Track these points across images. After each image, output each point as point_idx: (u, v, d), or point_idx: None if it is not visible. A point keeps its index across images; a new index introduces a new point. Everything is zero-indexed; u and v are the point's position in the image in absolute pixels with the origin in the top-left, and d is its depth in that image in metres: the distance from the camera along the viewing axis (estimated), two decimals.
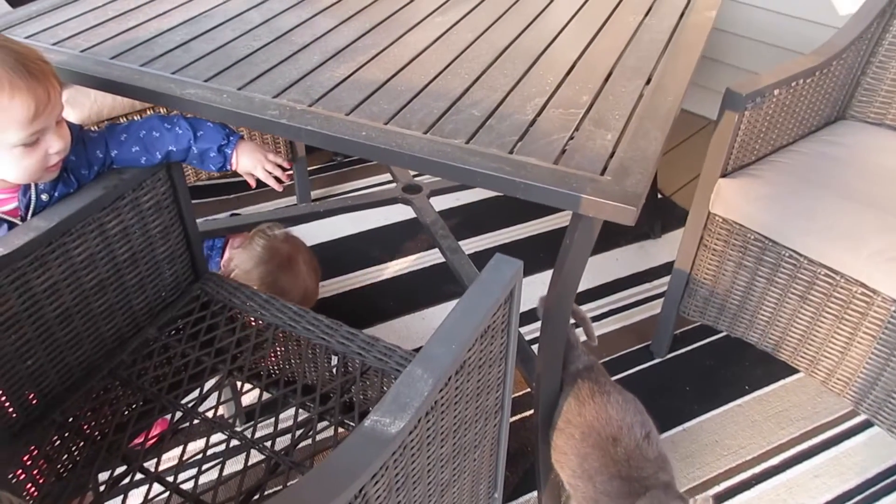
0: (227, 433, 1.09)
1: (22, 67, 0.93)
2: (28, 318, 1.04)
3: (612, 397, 1.22)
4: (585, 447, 1.20)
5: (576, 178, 0.91)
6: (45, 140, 0.98)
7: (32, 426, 1.08)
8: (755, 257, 1.47)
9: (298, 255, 1.64)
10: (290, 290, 1.59)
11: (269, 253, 1.59)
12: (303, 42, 1.22)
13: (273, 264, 1.58)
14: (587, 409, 1.22)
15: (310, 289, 1.66)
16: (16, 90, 0.92)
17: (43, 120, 0.96)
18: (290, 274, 1.59)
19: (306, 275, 1.64)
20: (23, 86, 0.93)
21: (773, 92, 1.41)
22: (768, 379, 1.72)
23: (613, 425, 1.19)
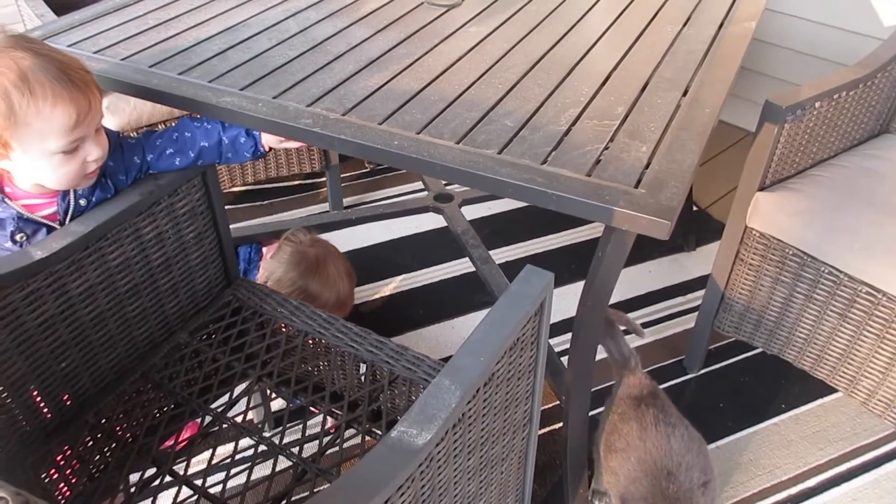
0: (256, 439, 1.10)
1: (65, 77, 0.96)
2: (64, 320, 1.05)
3: (678, 431, 1.19)
4: (638, 472, 1.17)
5: (609, 190, 0.89)
6: (84, 148, 1.00)
7: (66, 427, 1.10)
8: (793, 273, 1.44)
9: (328, 258, 1.64)
10: (321, 294, 1.58)
11: (297, 258, 1.59)
12: (337, 51, 1.23)
13: (301, 269, 1.58)
14: (649, 436, 1.19)
15: (342, 293, 1.65)
16: (58, 99, 0.94)
17: (83, 128, 0.98)
18: (320, 278, 1.59)
19: (337, 278, 1.63)
20: (65, 95, 0.95)
21: (814, 104, 1.38)
22: (805, 398, 1.67)
23: (672, 459, 1.16)
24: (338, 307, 1.62)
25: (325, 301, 1.58)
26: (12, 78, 0.92)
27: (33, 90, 0.93)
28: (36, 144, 0.96)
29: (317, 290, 1.57)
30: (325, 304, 1.57)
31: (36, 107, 0.93)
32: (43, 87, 0.93)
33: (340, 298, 1.63)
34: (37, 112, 0.94)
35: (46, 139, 0.96)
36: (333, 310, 1.57)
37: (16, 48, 0.95)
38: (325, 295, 1.58)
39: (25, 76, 0.93)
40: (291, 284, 1.55)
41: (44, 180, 1.02)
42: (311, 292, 1.56)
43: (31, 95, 0.93)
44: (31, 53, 0.95)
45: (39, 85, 0.93)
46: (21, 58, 0.94)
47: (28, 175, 1.01)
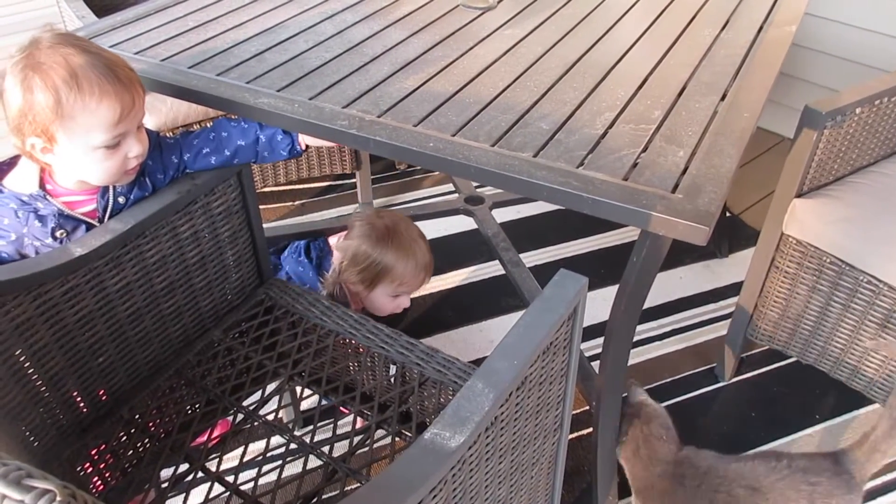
0: (287, 437, 1.11)
1: (111, 73, 0.98)
2: (101, 316, 1.07)
3: None
4: None
5: (646, 194, 0.88)
6: (126, 143, 1.02)
7: (101, 422, 1.11)
8: (830, 282, 1.41)
9: (398, 225, 1.54)
10: (397, 262, 1.49)
11: (367, 230, 1.51)
12: (373, 53, 1.23)
13: (372, 240, 1.49)
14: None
15: (421, 257, 1.52)
16: (104, 94, 0.97)
17: (126, 124, 1.00)
18: (394, 246, 1.49)
19: (412, 241, 1.52)
20: (111, 90, 0.97)
21: (854, 110, 1.35)
22: (840, 409, 1.64)
23: None
24: (421, 272, 1.52)
25: (405, 269, 1.49)
26: (62, 73, 0.95)
27: (81, 85, 0.95)
28: (81, 138, 0.98)
29: (392, 259, 1.48)
30: (405, 273, 1.49)
31: (83, 101, 0.95)
32: (90, 82, 0.96)
33: (419, 262, 1.52)
34: (84, 106, 0.96)
35: (91, 133, 0.98)
36: (417, 276, 1.51)
37: (65, 45, 0.97)
38: (403, 263, 1.49)
39: (74, 72, 0.95)
40: (366, 258, 1.48)
41: (86, 175, 1.04)
42: (388, 263, 1.48)
43: (78, 90, 0.95)
44: (79, 50, 0.97)
45: (87, 81, 0.95)
46: (71, 54, 0.96)
47: (70, 170, 1.03)
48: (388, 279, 1.49)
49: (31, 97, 0.95)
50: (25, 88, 0.95)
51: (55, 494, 0.44)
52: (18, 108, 0.96)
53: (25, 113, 0.96)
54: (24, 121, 0.97)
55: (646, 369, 1.75)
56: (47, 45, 0.97)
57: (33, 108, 0.95)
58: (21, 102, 0.96)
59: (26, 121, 0.96)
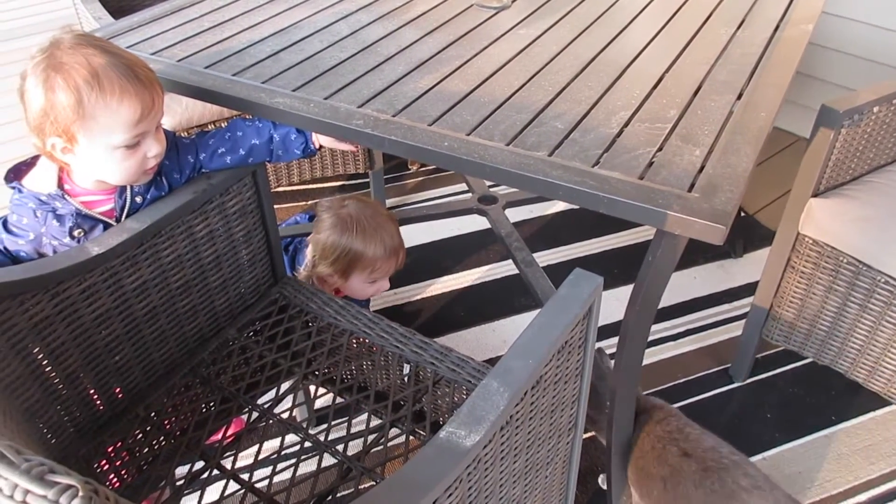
0: (301, 435, 1.11)
1: (132, 74, 0.99)
2: (118, 315, 1.08)
3: None
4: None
5: (662, 194, 0.88)
6: (145, 143, 1.03)
7: (117, 419, 1.12)
8: (847, 282, 1.40)
9: (362, 211, 1.53)
10: (366, 250, 1.50)
11: (333, 222, 1.51)
12: (388, 53, 1.24)
13: (339, 230, 1.50)
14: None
15: (388, 241, 1.52)
16: (125, 94, 0.98)
17: (146, 124, 1.01)
18: (360, 234, 1.50)
19: (378, 228, 1.52)
20: (132, 90, 0.98)
21: (872, 109, 1.34)
22: (857, 410, 1.63)
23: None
24: (390, 256, 1.53)
25: (374, 255, 1.50)
26: (84, 74, 0.96)
27: (102, 85, 0.96)
28: (101, 138, 0.99)
29: (360, 247, 1.49)
30: (375, 258, 1.50)
31: (104, 101, 0.96)
32: (111, 82, 0.97)
33: (388, 246, 1.52)
34: (105, 106, 0.97)
35: (112, 132, 0.99)
36: (388, 260, 1.52)
37: (86, 45, 0.98)
38: (371, 249, 1.50)
39: (96, 72, 0.96)
40: (335, 250, 1.49)
41: (105, 175, 1.05)
42: (357, 251, 1.49)
43: (100, 90, 0.96)
44: (100, 51, 0.98)
45: (108, 81, 0.96)
46: (92, 54, 0.97)
47: (90, 170, 1.04)
48: (360, 267, 1.51)
49: (53, 97, 0.96)
50: (47, 88, 0.96)
51: (77, 490, 0.44)
52: (40, 108, 0.97)
53: (47, 112, 0.97)
54: (46, 120, 0.97)
55: (660, 369, 1.74)
56: (68, 45, 0.98)
57: (55, 107, 0.96)
58: (43, 102, 0.97)
59: (48, 120, 0.97)
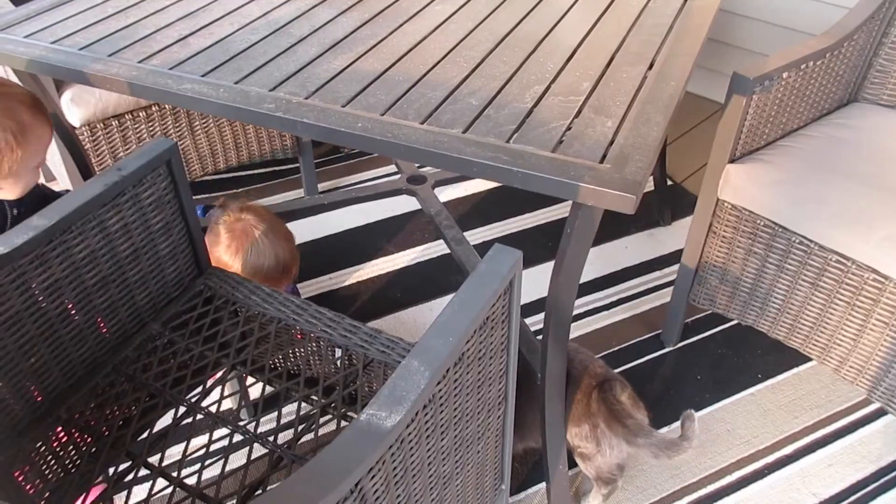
0: (231, 427, 1.09)
1: (41, 105, 1.18)
2: (30, 316, 1.04)
3: None
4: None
5: (574, 166, 0.89)
6: None
7: (38, 423, 1.08)
8: (765, 244, 1.45)
9: (255, 230, 1.54)
10: (260, 265, 1.52)
11: (228, 240, 1.53)
12: (301, 34, 1.21)
13: (233, 248, 1.52)
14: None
15: (281, 257, 1.55)
16: (45, 122, 1.18)
17: None
18: (253, 250, 1.52)
19: (270, 245, 1.54)
20: (44, 118, 1.18)
21: (781, 75, 1.38)
22: (781, 367, 1.69)
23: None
24: (282, 273, 1.55)
25: (267, 272, 1.52)
26: None
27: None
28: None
29: (251, 267, 1.51)
30: (268, 275, 1.52)
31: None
32: None
33: (280, 262, 1.55)
34: None
35: (37, 155, 1.20)
36: (283, 276, 1.54)
37: None
38: (262, 266, 1.52)
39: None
40: (228, 267, 1.50)
41: (13, 192, 1.19)
42: (248, 270, 1.51)
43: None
44: None
45: None
46: None
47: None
48: (255, 279, 1.50)
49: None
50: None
51: None
52: None
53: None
54: None
55: (594, 339, 1.78)
56: None
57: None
58: None
59: None
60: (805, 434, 1.55)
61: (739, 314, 1.58)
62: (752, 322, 1.57)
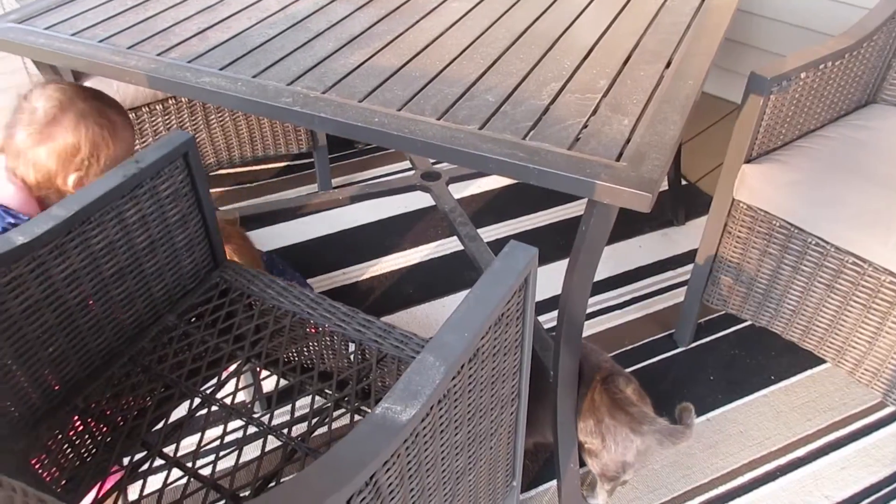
0: (245, 419, 1.10)
1: (125, 112, 1.27)
2: (48, 305, 1.05)
3: None
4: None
5: (590, 164, 0.89)
6: None
7: (55, 412, 1.10)
8: (780, 245, 1.44)
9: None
10: None
11: None
12: (318, 29, 1.22)
13: None
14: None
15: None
16: (130, 126, 1.28)
17: None
18: None
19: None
20: (129, 123, 1.28)
21: (799, 75, 1.37)
22: (794, 369, 1.69)
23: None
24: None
25: None
26: None
27: None
28: None
29: None
30: None
31: None
32: None
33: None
34: None
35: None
36: None
37: None
38: None
39: None
40: None
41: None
42: None
43: None
44: None
45: None
46: None
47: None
48: None
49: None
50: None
51: None
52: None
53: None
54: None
55: (607, 338, 1.78)
56: None
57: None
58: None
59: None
60: (818, 436, 1.54)
61: (753, 315, 1.57)
62: (767, 323, 1.56)
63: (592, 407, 1.30)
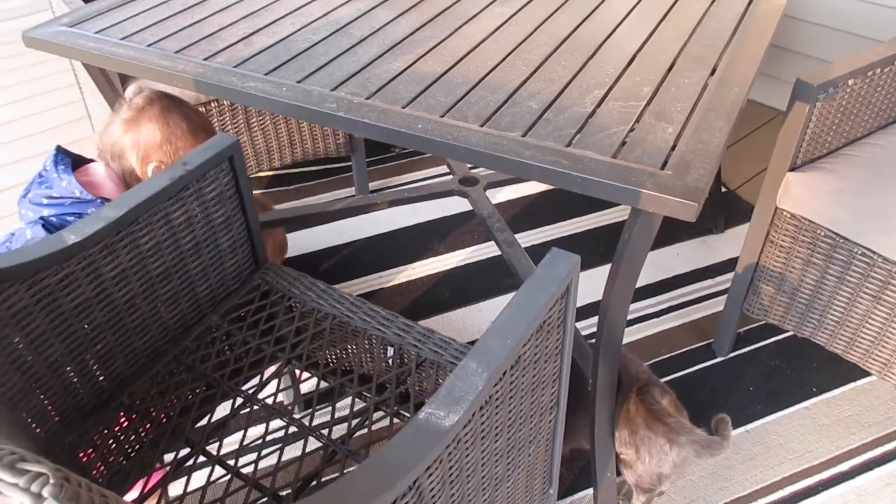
0: (286, 420, 1.12)
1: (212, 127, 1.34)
2: (98, 303, 1.08)
3: None
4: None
5: (635, 172, 0.89)
6: None
7: (102, 408, 1.12)
8: (825, 255, 1.41)
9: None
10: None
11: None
12: (361, 35, 1.23)
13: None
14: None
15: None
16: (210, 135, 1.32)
17: None
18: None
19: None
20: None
21: (847, 82, 1.35)
22: (837, 381, 1.65)
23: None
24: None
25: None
26: None
27: None
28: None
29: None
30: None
31: None
32: None
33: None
34: None
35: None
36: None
37: None
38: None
39: None
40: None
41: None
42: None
43: None
44: None
45: None
46: None
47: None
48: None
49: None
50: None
51: (48, 477, 0.45)
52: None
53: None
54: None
55: (644, 346, 1.76)
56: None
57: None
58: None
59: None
60: (862, 451, 1.50)
61: (796, 326, 1.55)
62: (809, 334, 1.53)
63: (627, 417, 1.29)
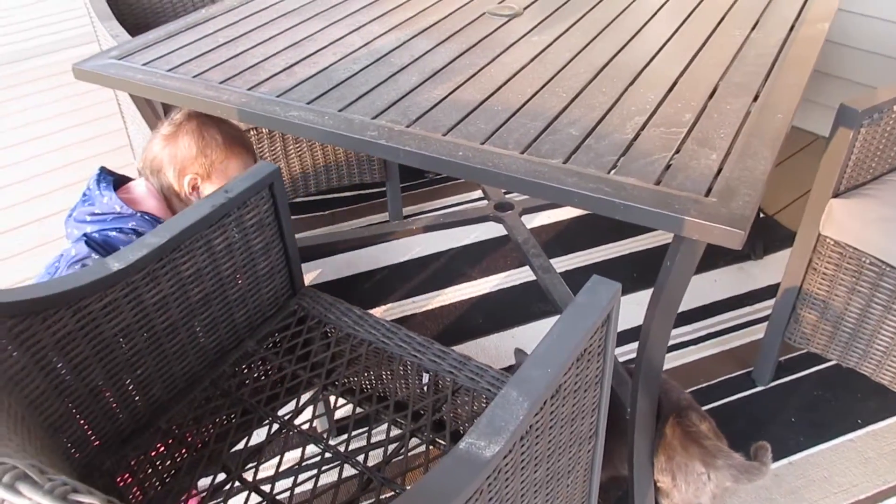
0: (322, 446, 1.11)
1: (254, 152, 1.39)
2: (139, 329, 1.09)
3: None
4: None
5: (679, 199, 0.88)
6: None
7: (140, 433, 1.13)
8: (871, 283, 1.38)
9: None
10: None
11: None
12: (401, 63, 1.24)
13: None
14: None
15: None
16: (251, 161, 1.38)
17: None
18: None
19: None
20: (252, 160, 1.40)
21: (892, 108, 1.32)
22: (883, 413, 1.60)
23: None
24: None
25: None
26: None
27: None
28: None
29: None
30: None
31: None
32: None
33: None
34: None
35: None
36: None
37: None
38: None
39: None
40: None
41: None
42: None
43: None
44: None
45: None
46: None
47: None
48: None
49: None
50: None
51: None
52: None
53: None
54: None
55: (681, 374, 1.73)
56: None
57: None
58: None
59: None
60: None
61: (840, 355, 1.51)
62: (854, 364, 1.49)
63: (664, 443, 1.26)
